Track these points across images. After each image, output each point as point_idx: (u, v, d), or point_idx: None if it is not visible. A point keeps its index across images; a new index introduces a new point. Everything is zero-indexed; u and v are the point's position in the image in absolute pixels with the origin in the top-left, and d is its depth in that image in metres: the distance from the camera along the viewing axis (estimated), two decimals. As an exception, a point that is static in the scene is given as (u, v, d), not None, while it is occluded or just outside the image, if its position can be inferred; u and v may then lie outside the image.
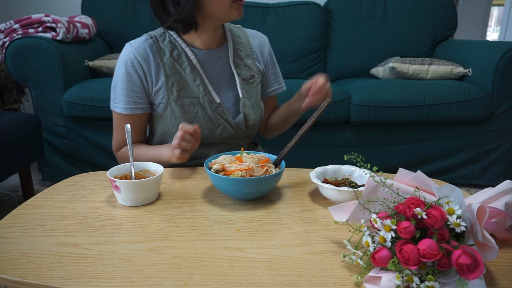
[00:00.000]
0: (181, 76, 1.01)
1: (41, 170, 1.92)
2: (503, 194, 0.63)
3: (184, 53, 1.01)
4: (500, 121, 1.86)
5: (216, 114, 1.04)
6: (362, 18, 2.32)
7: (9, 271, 0.56)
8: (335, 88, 1.84)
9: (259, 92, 1.12)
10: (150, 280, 0.54)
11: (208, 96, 1.02)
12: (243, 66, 1.08)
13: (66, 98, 1.74)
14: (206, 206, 0.76)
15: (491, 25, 7.15)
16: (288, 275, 0.55)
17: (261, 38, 1.14)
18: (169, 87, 1.00)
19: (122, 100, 1.01)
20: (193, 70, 1.01)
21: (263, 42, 1.14)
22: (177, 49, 1.01)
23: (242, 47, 1.09)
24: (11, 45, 1.68)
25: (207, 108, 1.02)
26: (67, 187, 0.85)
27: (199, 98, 1.01)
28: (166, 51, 1.00)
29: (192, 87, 1.01)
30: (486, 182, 1.95)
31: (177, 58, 1.01)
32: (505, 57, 1.75)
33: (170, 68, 1.00)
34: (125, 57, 0.99)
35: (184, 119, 1.01)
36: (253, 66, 1.10)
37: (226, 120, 1.05)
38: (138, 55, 0.98)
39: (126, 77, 0.99)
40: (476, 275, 0.47)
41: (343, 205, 0.65)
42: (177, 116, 1.01)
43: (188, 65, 1.01)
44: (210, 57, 1.04)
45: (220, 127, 1.05)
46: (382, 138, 1.90)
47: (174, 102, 1.00)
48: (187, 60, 1.01)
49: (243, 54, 1.09)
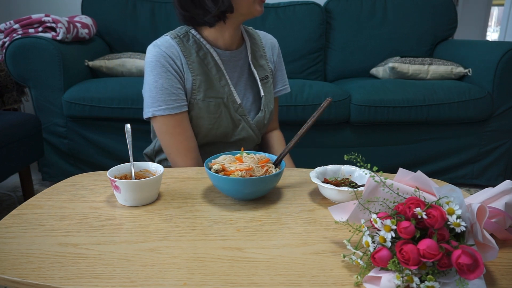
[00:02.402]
0: (207, 76, 1.00)
1: (41, 170, 1.92)
2: (503, 194, 0.63)
3: (210, 54, 1.01)
4: (500, 121, 1.86)
5: (237, 115, 1.05)
6: (362, 18, 2.32)
7: (9, 271, 0.56)
8: (335, 88, 1.84)
9: (272, 92, 1.14)
10: (150, 280, 0.54)
11: (231, 97, 1.03)
12: (258, 67, 1.10)
13: (66, 98, 1.75)
14: (206, 206, 0.76)
15: (491, 25, 7.16)
16: (288, 275, 0.55)
17: (272, 39, 1.17)
18: (197, 86, 0.99)
19: (167, 101, 0.96)
20: (218, 71, 1.02)
21: (274, 44, 1.16)
22: (202, 50, 1.01)
23: (257, 48, 1.11)
24: (11, 45, 1.68)
25: (230, 108, 1.03)
26: (67, 187, 0.85)
27: (223, 98, 1.02)
28: (192, 51, 0.99)
29: (217, 88, 1.01)
30: (486, 182, 1.95)
31: (203, 58, 1.00)
32: (505, 57, 1.75)
33: (197, 68, 0.99)
34: (157, 56, 0.95)
35: (209, 119, 1.01)
36: (266, 66, 1.12)
37: (246, 120, 1.07)
38: (169, 52, 0.96)
39: (165, 76, 0.95)
40: (476, 275, 0.47)
41: (343, 205, 0.65)
42: (202, 116, 1.01)
43: (213, 66, 1.01)
44: (232, 57, 1.05)
45: (240, 127, 1.07)
46: (382, 138, 1.90)
47: (201, 101, 1.00)
48: (212, 60, 1.01)
49: (258, 55, 1.11)
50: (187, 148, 1.00)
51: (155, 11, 2.25)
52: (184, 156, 1.00)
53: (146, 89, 0.98)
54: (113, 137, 1.85)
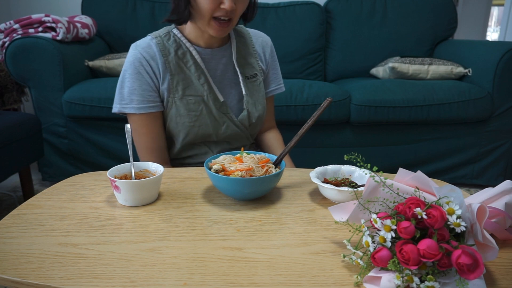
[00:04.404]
0: (185, 74, 1.01)
1: (41, 170, 1.92)
2: (503, 194, 0.63)
3: (189, 52, 1.02)
4: (500, 121, 1.86)
5: (220, 113, 1.05)
6: (362, 18, 2.32)
7: (9, 271, 0.56)
8: (335, 88, 1.84)
9: (262, 91, 1.13)
10: (150, 280, 0.54)
11: (212, 95, 1.03)
12: (246, 65, 1.09)
13: (66, 98, 1.75)
14: (206, 206, 0.76)
15: (491, 25, 7.15)
16: (288, 275, 0.55)
17: (264, 38, 1.15)
18: (174, 85, 1.01)
19: (134, 100, 0.99)
20: (197, 69, 1.02)
21: (266, 42, 1.15)
22: (181, 48, 1.02)
23: (245, 46, 1.11)
24: (11, 45, 1.68)
25: (211, 107, 1.03)
26: (67, 187, 0.85)
27: (203, 96, 1.02)
28: (171, 50, 1.01)
29: (196, 86, 1.02)
30: (486, 182, 1.95)
31: (182, 57, 1.02)
32: (505, 57, 1.75)
33: (175, 67, 1.01)
34: (133, 57, 0.99)
35: (189, 117, 1.02)
36: (256, 65, 1.12)
37: (230, 118, 1.06)
38: (145, 54, 0.99)
39: (136, 76, 0.99)
40: (476, 275, 0.47)
41: (343, 205, 0.65)
42: (182, 114, 1.02)
43: (192, 64, 1.02)
44: (214, 55, 1.05)
45: (224, 125, 1.06)
46: (382, 138, 1.90)
47: (179, 100, 1.01)
48: (191, 59, 1.02)
49: (246, 53, 1.10)
50: (151, 148, 1.05)
51: (155, 11, 2.25)
52: (148, 155, 1.05)
53: (118, 86, 1.02)
54: (113, 137, 1.85)
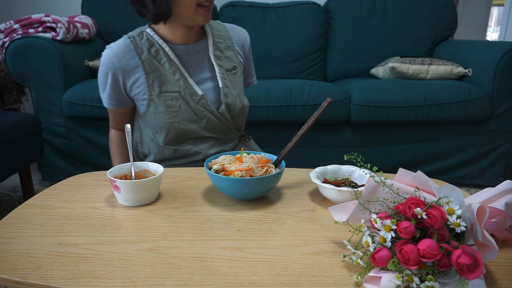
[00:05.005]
0: (160, 72, 1.03)
1: (41, 170, 1.92)
2: (503, 194, 0.63)
3: (162, 49, 1.03)
4: (500, 121, 1.86)
5: (199, 106, 1.05)
6: (362, 18, 2.31)
7: (9, 271, 0.56)
8: (335, 88, 1.84)
9: (241, 83, 1.15)
10: (150, 280, 0.54)
11: (189, 89, 1.04)
12: (224, 58, 1.10)
13: (66, 98, 1.74)
14: (206, 206, 0.76)
15: (491, 25, 7.15)
16: (288, 275, 0.55)
17: (241, 31, 1.17)
18: (150, 83, 1.02)
19: (107, 97, 1.07)
20: (172, 65, 1.03)
21: (244, 36, 1.17)
22: (154, 46, 1.03)
23: (222, 39, 1.12)
24: (11, 45, 1.68)
25: (189, 101, 1.04)
26: (67, 187, 0.85)
27: (180, 92, 1.04)
28: (144, 49, 1.02)
29: (172, 82, 1.03)
30: (486, 182, 1.95)
31: (155, 54, 1.03)
32: (505, 57, 1.75)
33: (149, 65, 1.02)
34: (105, 57, 1.03)
35: (168, 114, 1.03)
36: (234, 58, 1.13)
37: (210, 111, 1.07)
38: (115, 59, 1.01)
39: (104, 81, 1.05)
40: (476, 275, 0.47)
41: (343, 205, 0.65)
42: (160, 111, 1.03)
43: (166, 61, 1.03)
44: (189, 51, 1.06)
45: (204, 119, 1.06)
46: (382, 138, 1.89)
47: (156, 97, 1.03)
48: (165, 55, 1.03)
49: (224, 46, 1.11)
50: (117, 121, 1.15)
51: (155, 11, 2.25)
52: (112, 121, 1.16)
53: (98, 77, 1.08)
54: (113, 137, 1.84)
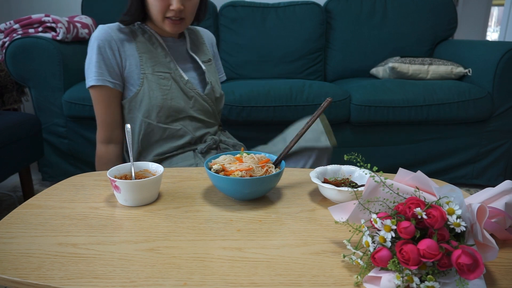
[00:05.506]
0: (153, 53, 1.11)
1: (41, 170, 1.92)
2: (503, 194, 0.63)
3: (154, 37, 1.13)
4: (500, 121, 1.86)
5: (187, 88, 1.14)
6: (362, 18, 2.31)
7: (9, 271, 0.56)
8: (335, 88, 1.84)
9: (216, 73, 1.28)
10: (150, 280, 0.54)
11: (178, 72, 1.13)
12: (199, 52, 1.24)
13: (66, 98, 1.74)
14: (206, 206, 0.76)
15: (491, 25, 7.15)
16: (288, 275, 0.55)
17: (209, 33, 1.34)
18: (144, 62, 1.09)
19: (95, 72, 1.06)
20: (163, 49, 1.13)
21: (211, 37, 1.34)
22: (147, 33, 1.13)
23: (197, 38, 1.27)
24: (11, 45, 1.68)
25: (179, 82, 1.13)
26: (67, 187, 0.85)
27: (171, 73, 1.12)
28: (138, 33, 1.11)
29: (164, 63, 1.12)
30: (486, 182, 1.95)
31: (149, 39, 1.12)
32: (505, 57, 1.75)
33: (143, 46, 1.10)
34: (98, 34, 1.06)
35: (161, 91, 1.09)
36: (207, 52, 1.28)
37: (197, 93, 1.16)
38: (113, 33, 1.07)
39: (99, 51, 1.05)
40: (476, 275, 0.47)
41: (343, 205, 0.65)
42: (154, 89, 1.09)
43: (159, 45, 1.13)
44: (175, 43, 1.18)
45: (192, 99, 1.15)
46: (382, 138, 1.89)
47: (150, 75, 1.09)
48: (157, 41, 1.13)
49: (198, 44, 1.26)
50: (103, 121, 1.13)
51: (155, 11, 2.25)
52: (99, 126, 1.15)
53: (85, 63, 1.09)
54: (113, 137, 1.84)
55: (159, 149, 1.15)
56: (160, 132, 1.13)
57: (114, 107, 1.12)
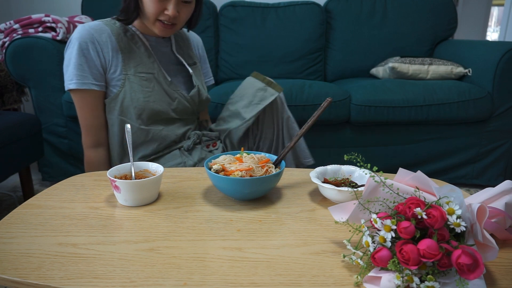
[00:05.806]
0: (135, 53, 1.09)
1: (41, 170, 1.92)
2: (503, 194, 0.63)
3: (136, 35, 1.12)
4: (500, 121, 1.86)
5: (170, 89, 1.12)
6: (362, 18, 2.31)
7: (9, 271, 0.56)
8: (335, 88, 1.84)
9: (202, 76, 1.29)
10: (150, 280, 0.54)
11: (161, 73, 1.11)
12: (185, 55, 1.24)
13: (66, 98, 1.74)
14: (206, 206, 0.76)
15: (491, 25, 7.15)
16: (288, 275, 0.55)
17: (197, 36, 1.34)
18: (126, 63, 1.06)
19: (76, 75, 1.03)
20: (146, 49, 1.12)
21: (198, 40, 1.34)
22: (129, 32, 1.11)
23: (183, 40, 1.26)
24: (11, 45, 1.68)
25: (162, 83, 1.11)
26: (67, 187, 0.85)
27: (154, 73, 1.10)
28: (120, 32, 1.09)
29: (147, 63, 1.09)
30: (486, 182, 1.95)
31: (131, 38, 1.10)
32: (505, 57, 1.75)
33: (126, 46, 1.08)
34: (79, 34, 1.03)
35: (143, 93, 1.07)
36: (193, 55, 1.28)
37: (180, 94, 1.15)
38: (94, 32, 1.04)
39: (81, 52, 1.03)
40: (476, 275, 0.47)
41: (343, 205, 0.65)
42: (136, 90, 1.07)
43: (142, 45, 1.11)
44: (158, 43, 1.16)
45: (176, 100, 1.14)
46: (382, 138, 1.89)
47: (132, 76, 1.07)
48: (139, 40, 1.12)
49: (184, 46, 1.25)
50: (89, 125, 1.10)
51: (155, 11, 2.25)
52: (85, 131, 1.11)
53: (64, 64, 1.06)
54: (113, 137, 1.84)
55: (144, 151, 1.13)
56: (143, 134, 1.10)
57: (100, 110, 1.10)
